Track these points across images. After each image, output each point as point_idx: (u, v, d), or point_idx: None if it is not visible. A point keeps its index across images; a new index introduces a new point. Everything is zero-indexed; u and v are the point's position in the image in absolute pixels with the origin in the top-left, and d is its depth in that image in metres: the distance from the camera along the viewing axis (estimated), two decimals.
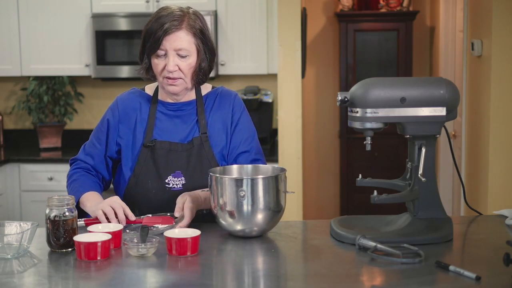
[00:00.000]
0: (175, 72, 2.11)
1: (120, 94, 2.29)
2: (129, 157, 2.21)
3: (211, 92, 2.26)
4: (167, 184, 2.15)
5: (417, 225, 1.93)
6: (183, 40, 2.09)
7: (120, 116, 2.23)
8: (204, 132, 2.18)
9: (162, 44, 2.09)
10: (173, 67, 2.10)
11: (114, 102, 2.27)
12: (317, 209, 5.83)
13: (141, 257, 1.79)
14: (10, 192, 4.38)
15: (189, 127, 2.21)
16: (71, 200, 1.87)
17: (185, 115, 2.22)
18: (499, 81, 3.50)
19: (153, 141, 2.17)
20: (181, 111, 2.22)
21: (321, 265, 1.76)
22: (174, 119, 2.21)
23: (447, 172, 4.98)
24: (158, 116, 2.21)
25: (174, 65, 2.10)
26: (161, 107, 2.22)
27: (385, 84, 1.90)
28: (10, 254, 1.80)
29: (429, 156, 1.94)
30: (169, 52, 2.10)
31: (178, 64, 2.10)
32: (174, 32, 2.08)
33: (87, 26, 4.51)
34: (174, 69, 2.10)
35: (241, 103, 2.27)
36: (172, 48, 2.09)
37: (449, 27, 4.94)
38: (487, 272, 1.64)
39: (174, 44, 2.09)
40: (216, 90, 2.27)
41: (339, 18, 5.54)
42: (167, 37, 2.08)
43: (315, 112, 5.83)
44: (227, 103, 2.24)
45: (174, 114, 2.22)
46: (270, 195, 1.92)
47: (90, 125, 4.95)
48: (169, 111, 2.22)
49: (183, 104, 2.22)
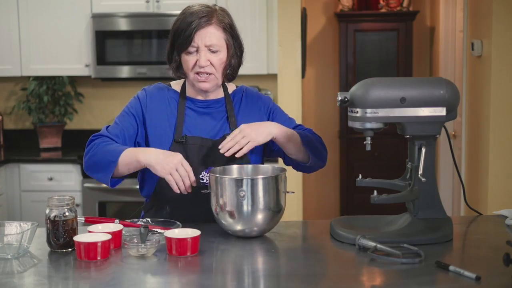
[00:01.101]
0: (207, 67, 2.11)
1: (147, 86, 2.26)
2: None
3: (237, 90, 2.28)
4: (201, 179, 2.13)
5: (417, 225, 1.93)
6: (214, 35, 2.10)
7: (148, 106, 2.20)
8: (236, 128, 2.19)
9: (194, 40, 2.09)
10: (205, 62, 2.10)
11: (141, 92, 2.24)
12: (317, 209, 5.83)
13: (141, 257, 1.79)
14: (10, 192, 4.38)
15: (219, 124, 2.20)
16: (71, 200, 1.87)
17: (214, 112, 2.22)
18: (499, 81, 3.50)
19: (184, 136, 2.15)
20: (210, 108, 2.22)
21: (321, 265, 1.76)
22: (204, 116, 2.21)
23: (447, 172, 4.98)
24: (187, 112, 2.21)
25: (206, 60, 2.10)
26: (189, 103, 2.22)
27: (385, 84, 1.90)
28: (10, 254, 1.80)
29: (429, 156, 1.94)
30: (201, 48, 2.10)
31: (209, 59, 2.11)
32: (205, 28, 2.09)
33: (87, 26, 4.51)
34: (206, 64, 2.11)
35: (267, 98, 2.31)
36: (203, 44, 2.10)
37: (449, 27, 4.94)
38: (487, 272, 1.64)
39: (205, 39, 2.10)
40: (241, 88, 2.29)
41: (339, 18, 5.54)
42: (198, 32, 2.09)
43: (315, 112, 5.83)
44: (254, 101, 2.27)
45: (203, 111, 2.21)
46: (270, 195, 1.92)
47: (90, 125, 4.96)
48: (198, 108, 2.21)
49: (212, 102, 2.22)
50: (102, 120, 4.94)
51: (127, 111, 2.21)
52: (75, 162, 4.34)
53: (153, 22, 4.44)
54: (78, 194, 4.31)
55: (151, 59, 4.46)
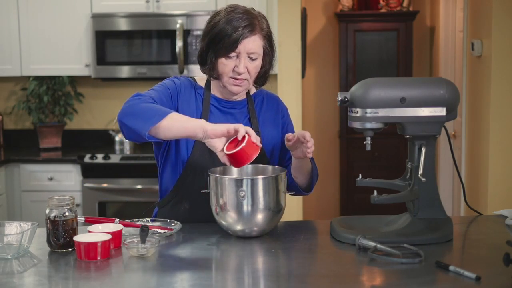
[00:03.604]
0: (243, 74, 2.12)
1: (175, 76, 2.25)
2: (183, 147, 2.17)
3: (258, 93, 2.29)
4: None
5: (417, 225, 1.93)
6: (256, 44, 2.11)
7: (181, 93, 2.19)
8: (257, 131, 2.20)
9: (238, 47, 2.09)
10: (244, 69, 2.11)
11: (176, 78, 2.22)
12: (317, 209, 5.83)
13: (141, 257, 1.79)
14: (10, 192, 4.38)
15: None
16: (71, 200, 1.87)
17: (237, 113, 2.23)
18: (499, 81, 3.50)
19: None
20: (234, 109, 2.23)
21: (321, 265, 1.76)
22: (227, 115, 2.22)
23: (447, 172, 4.98)
24: (212, 109, 2.21)
25: (244, 67, 2.11)
26: (214, 101, 2.22)
27: (385, 84, 1.90)
28: (10, 254, 1.80)
29: (429, 156, 1.94)
30: (242, 55, 2.10)
31: (247, 66, 2.12)
32: (250, 36, 2.09)
33: (87, 26, 4.51)
34: (244, 71, 2.11)
35: (284, 105, 2.34)
36: (246, 51, 2.09)
37: (449, 27, 4.94)
38: (487, 272, 1.64)
39: (248, 47, 2.09)
40: (261, 91, 2.31)
41: (339, 18, 5.55)
42: (244, 40, 2.08)
43: (315, 112, 5.83)
44: (274, 105, 2.29)
45: (227, 111, 2.22)
46: (270, 195, 1.92)
47: (90, 125, 4.96)
48: (222, 107, 2.22)
49: (235, 103, 2.23)
50: (102, 120, 4.93)
51: (165, 86, 2.18)
52: (75, 162, 4.34)
53: (153, 22, 4.44)
54: (78, 194, 4.31)
55: (151, 59, 4.45)
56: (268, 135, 2.23)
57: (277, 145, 2.25)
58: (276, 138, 2.25)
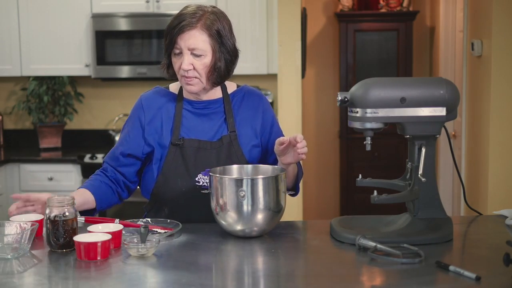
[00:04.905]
0: (189, 71, 2.10)
1: (144, 92, 2.27)
2: (157, 156, 2.18)
3: (237, 91, 2.26)
4: (197, 182, 2.13)
5: (417, 225, 1.93)
6: (197, 39, 2.08)
7: (146, 116, 2.20)
8: (233, 131, 2.18)
9: (177, 42, 2.08)
10: (187, 66, 2.09)
11: (138, 102, 2.24)
12: (317, 209, 5.83)
13: (141, 257, 1.79)
14: (10, 192, 4.38)
15: (216, 125, 2.19)
16: (71, 200, 1.87)
17: (212, 113, 2.21)
18: (499, 81, 3.50)
19: (181, 139, 2.15)
20: (207, 109, 2.21)
21: (321, 265, 1.76)
22: (201, 117, 2.20)
23: (447, 172, 4.98)
24: (185, 114, 2.20)
25: (188, 64, 2.09)
26: (187, 105, 2.21)
27: (385, 84, 1.90)
28: (10, 254, 1.80)
29: (429, 156, 1.94)
30: (184, 51, 2.09)
31: (193, 63, 2.09)
32: (188, 31, 2.07)
33: (87, 26, 4.51)
34: (188, 68, 2.09)
35: (268, 102, 2.30)
36: (186, 47, 2.08)
37: (449, 27, 4.94)
38: (487, 272, 1.64)
39: (188, 42, 2.08)
40: (242, 88, 2.27)
41: (339, 18, 5.54)
42: (181, 35, 2.07)
43: (315, 112, 5.83)
44: (255, 102, 2.25)
45: (200, 113, 2.20)
46: (270, 195, 1.92)
47: (90, 125, 4.96)
48: (195, 109, 2.21)
49: (209, 103, 2.21)
50: (102, 120, 4.94)
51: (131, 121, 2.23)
52: (75, 162, 4.34)
53: (153, 22, 4.44)
54: None
55: (151, 59, 4.46)
56: (246, 134, 2.20)
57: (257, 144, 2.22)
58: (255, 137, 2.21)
